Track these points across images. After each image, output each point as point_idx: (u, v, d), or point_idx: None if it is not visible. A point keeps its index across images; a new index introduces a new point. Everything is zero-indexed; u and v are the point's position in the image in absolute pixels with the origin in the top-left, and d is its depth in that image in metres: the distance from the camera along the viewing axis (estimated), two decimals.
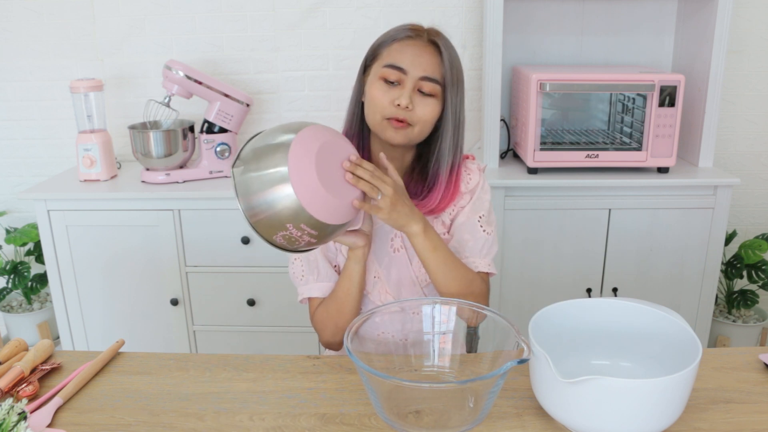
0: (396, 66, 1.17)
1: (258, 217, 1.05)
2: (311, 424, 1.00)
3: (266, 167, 1.03)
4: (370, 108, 1.21)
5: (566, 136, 2.25)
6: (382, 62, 1.20)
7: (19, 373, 1.10)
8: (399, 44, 1.19)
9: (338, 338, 1.29)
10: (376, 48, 1.23)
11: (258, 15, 2.36)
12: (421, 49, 1.19)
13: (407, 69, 1.17)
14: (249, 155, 1.06)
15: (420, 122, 1.19)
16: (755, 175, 2.48)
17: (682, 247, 2.11)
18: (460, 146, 1.25)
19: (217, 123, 2.19)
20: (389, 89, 1.18)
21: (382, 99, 1.18)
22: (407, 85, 1.17)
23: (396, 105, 1.17)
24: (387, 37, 1.22)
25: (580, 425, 0.92)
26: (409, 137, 1.20)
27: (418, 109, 1.18)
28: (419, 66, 1.17)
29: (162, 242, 2.11)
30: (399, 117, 1.17)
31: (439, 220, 1.30)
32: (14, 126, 2.50)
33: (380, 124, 1.20)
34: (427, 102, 1.19)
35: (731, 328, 2.40)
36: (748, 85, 2.39)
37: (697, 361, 0.90)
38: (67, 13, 2.37)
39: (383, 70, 1.19)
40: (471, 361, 1.13)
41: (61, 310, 2.19)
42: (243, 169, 1.05)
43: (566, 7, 2.30)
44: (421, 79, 1.17)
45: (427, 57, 1.18)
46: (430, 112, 1.19)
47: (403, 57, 1.18)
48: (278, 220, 1.04)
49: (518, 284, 2.15)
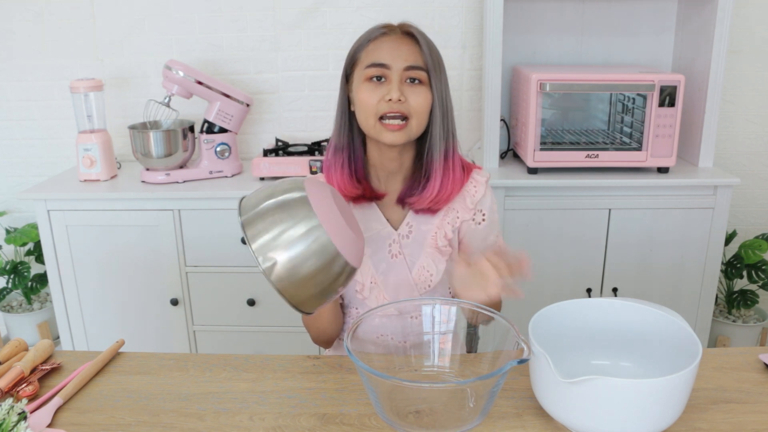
0: (378, 63, 1.17)
1: (309, 295, 1.02)
2: (311, 424, 1.00)
3: (308, 256, 0.98)
4: (362, 113, 1.19)
5: (566, 136, 2.25)
6: (363, 64, 1.19)
7: (19, 373, 1.10)
8: (375, 43, 1.20)
9: (321, 339, 1.32)
10: (353, 54, 1.22)
11: (258, 15, 2.36)
12: (397, 41, 1.19)
13: (389, 63, 1.17)
14: (275, 244, 0.98)
15: (416, 113, 1.18)
16: (755, 175, 2.48)
17: (682, 247, 2.11)
18: (451, 131, 1.23)
19: (217, 123, 2.19)
20: (377, 87, 1.17)
21: (371, 99, 1.17)
22: (393, 79, 1.17)
23: (387, 101, 1.16)
24: (361, 41, 1.22)
25: (580, 425, 0.92)
26: (408, 134, 1.19)
27: (410, 99, 1.17)
28: (400, 57, 1.17)
29: (162, 242, 2.11)
30: (393, 111, 1.16)
31: (442, 232, 1.27)
32: (14, 126, 2.50)
33: (375, 128, 1.18)
34: (418, 90, 1.18)
35: (731, 328, 2.40)
36: (748, 85, 2.39)
37: (697, 361, 0.90)
38: (67, 13, 2.37)
39: (366, 71, 1.18)
40: (471, 361, 1.13)
41: (61, 310, 2.19)
42: (281, 267, 0.98)
43: (566, 7, 2.30)
44: (405, 69, 1.17)
45: (406, 47, 1.18)
46: (423, 100, 1.18)
47: (382, 53, 1.18)
48: (333, 290, 1.04)
49: (518, 284, 2.14)
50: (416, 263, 1.27)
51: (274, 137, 2.44)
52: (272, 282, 0.98)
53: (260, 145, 2.48)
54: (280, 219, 0.99)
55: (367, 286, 1.26)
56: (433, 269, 1.27)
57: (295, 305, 1.02)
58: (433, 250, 1.27)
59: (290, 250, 0.97)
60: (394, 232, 1.27)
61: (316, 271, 0.99)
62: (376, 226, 1.26)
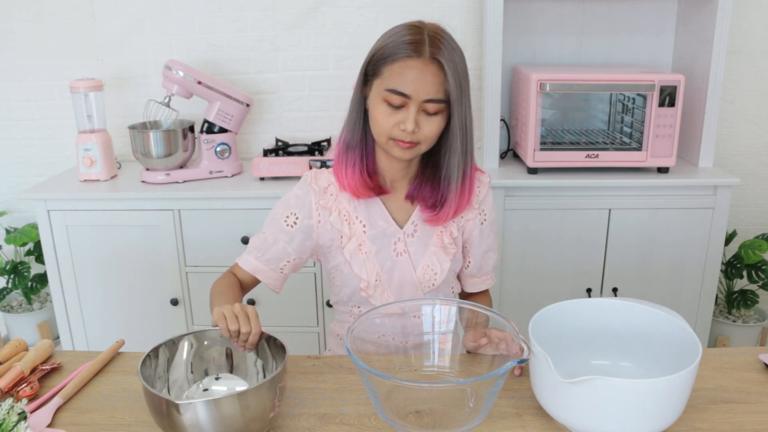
0: (399, 92, 1.14)
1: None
2: (311, 424, 1.00)
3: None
4: (375, 128, 1.19)
5: (566, 136, 2.25)
6: (383, 84, 1.16)
7: (19, 373, 1.10)
8: (400, 66, 1.14)
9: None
10: (377, 63, 1.17)
11: (258, 15, 2.36)
12: (422, 71, 1.13)
13: (410, 94, 1.13)
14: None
15: (426, 139, 1.18)
16: (755, 175, 2.48)
17: (682, 247, 2.11)
18: (470, 152, 1.23)
19: (217, 123, 2.19)
20: (393, 113, 1.15)
21: (386, 122, 1.16)
22: (411, 110, 1.14)
23: (402, 129, 1.15)
24: (387, 51, 1.15)
25: (580, 425, 0.92)
26: (417, 152, 1.20)
27: (424, 128, 1.16)
28: (422, 90, 1.13)
29: (162, 242, 2.11)
30: (405, 140, 1.16)
31: (447, 231, 1.28)
32: (14, 126, 2.50)
33: (386, 144, 1.19)
34: (433, 120, 1.16)
35: (731, 328, 2.40)
36: (748, 85, 2.39)
37: (697, 361, 0.90)
38: (67, 13, 2.37)
39: (385, 94, 1.15)
40: (471, 361, 1.13)
41: (61, 310, 2.19)
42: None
43: (566, 8, 2.30)
44: (425, 101, 1.14)
45: (430, 78, 1.13)
46: (435, 129, 1.17)
47: (405, 81, 1.13)
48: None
49: (518, 284, 2.15)
50: (421, 262, 1.28)
51: (274, 137, 2.44)
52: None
53: (260, 145, 2.48)
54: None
55: (371, 284, 1.27)
56: (437, 268, 1.28)
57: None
58: (438, 249, 1.28)
59: None
60: (399, 231, 1.27)
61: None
62: (382, 224, 1.27)
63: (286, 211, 1.27)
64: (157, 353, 1.02)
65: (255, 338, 1.04)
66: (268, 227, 1.28)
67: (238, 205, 2.08)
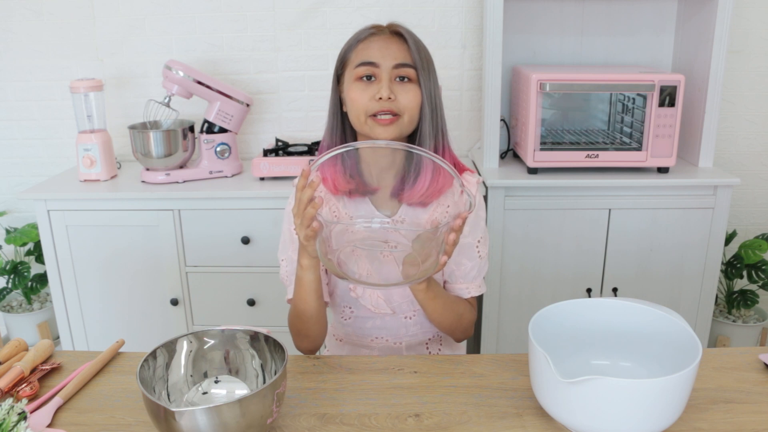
0: (367, 62, 1.19)
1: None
2: (311, 424, 1.00)
3: None
4: (353, 111, 1.21)
5: (566, 136, 2.25)
6: (353, 64, 1.21)
7: (19, 373, 1.10)
8: (364, 43, 1.22)
9: (303, 345, 1.29)
10: (343, 55, 1.25)
11: (258, 15, 2.36)
12: (386, 41, 1.21)
13: (379, 61, 1.19)
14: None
15: (407, 110, 1.20)
16: (755, 175, 2.48)
17: (682, 247, 2.11)
18: (441, 129, 1.25)
19: (217, 123, 2.19)
20: (367, 86, 1.20)
21: (362, 98, 1.19)
22: (383, 77, 1.19)
23: (377, 99, 1.18)
24: (351, 42, 1.24)
25: (580, 425, 0.92)
26: (400, 129, 1.20)
27: (400, 97, 1.19)
28: (389, 56, 1.19)
29: (162, 242, 2.11)
30: (384, 109, 1.18)
31: None
32: (14, 126, 2.50)
33: (366, 125, 1.20)
34: (408, 88, 1.20)
35: (731, 328, 2.40)
36: (748, 85, 2.39)
37: (697, 361, 0.90)
38: (67, 13, 2.37)
39: (356, 70, 1.20)
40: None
41: (61, 310, 2.19)
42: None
43: (566, 8, 2.30)
44: (394, 67, 1.19)
45: (395, 46, 1.20)
46: (413, 98, 1.20)
47: (371, 52, 1.20)
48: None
49: (518, 284, 2.15)
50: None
51: (274, 137, 2.44)
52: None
53: (260, 145, 2.48)
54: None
55: (361, 285, 1.26)
56: None
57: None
58: None
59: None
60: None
61: None
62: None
63: (290, 225, 1.28)
64: (155, 355, 1.02)
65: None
66: (283, 251, 1.31)
67: (238, 205, 2.08)
